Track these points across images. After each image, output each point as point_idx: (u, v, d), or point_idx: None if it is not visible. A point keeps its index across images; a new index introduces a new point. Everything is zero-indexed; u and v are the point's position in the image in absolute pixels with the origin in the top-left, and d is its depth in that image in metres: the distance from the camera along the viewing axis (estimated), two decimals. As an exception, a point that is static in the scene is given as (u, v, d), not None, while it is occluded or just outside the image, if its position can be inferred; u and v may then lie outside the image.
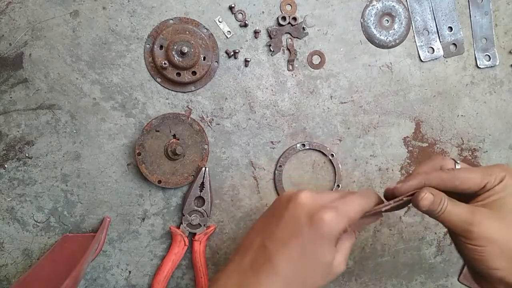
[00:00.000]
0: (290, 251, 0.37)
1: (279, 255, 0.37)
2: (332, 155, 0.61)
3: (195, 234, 0.58)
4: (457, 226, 0.37)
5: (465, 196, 0.39)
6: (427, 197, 0.38)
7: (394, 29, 0.61)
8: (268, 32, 0.58)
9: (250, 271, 0.38)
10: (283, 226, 0.38)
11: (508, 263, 0.36)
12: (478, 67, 0.62)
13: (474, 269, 0.39)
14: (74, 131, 0.57)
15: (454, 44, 0.62)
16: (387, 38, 0.60)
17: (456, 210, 0.37)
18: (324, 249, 0.37)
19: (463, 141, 0.64)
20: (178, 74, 0.56)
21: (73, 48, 0.56)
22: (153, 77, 0.57)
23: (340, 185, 0.61)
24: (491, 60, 0.62)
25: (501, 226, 0.36)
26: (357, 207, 0.39)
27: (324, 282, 0.38)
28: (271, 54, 0.59)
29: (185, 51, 0.54)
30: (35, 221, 0.57)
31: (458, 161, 0.41)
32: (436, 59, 0.62)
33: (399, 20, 0.61)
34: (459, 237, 0.38)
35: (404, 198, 0.39)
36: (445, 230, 0.64)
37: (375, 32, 0.60)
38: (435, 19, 0.61)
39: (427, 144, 0.63)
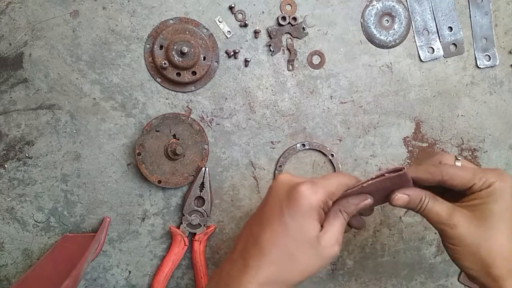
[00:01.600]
0: (273, 229, 0.37)
1: (264, 235, 0.37)
2: (332, 155, 0.61)
3: (195, 234, 0.58)
4: (435, 224, 0.39)
5: (459, 194, 0.40)
6: (399, 198, 0.39)
7: (394, 29, 0.61)
8: (268, 32, 0.58)
9: (239, 257, 0.38)
10: (267, 209, 0.39)
11: (478, 266, 0.38)
12: (478, 67, 0.62)
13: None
14: (74, 131, 0.57)
15: (454, 44, 0.62)
16: (387, 38, 0.60)
17: (436, 209, 0.39)
18: (304, 221, 0.37)
19: (463, 141, 0.64)
20: (178, 74, 0.56)
21: (73, 48, 0.56)
22: (153, 77, 0.57)
23: (340, 185, 0.61)
24: (491, 60, 0.62)
25: (476, 230, 0.37)
26: (335, 180, 0.39)
27: (315, 264, 0.37)
28: (271, 54, 0.59)
29: (185, 51, 0.54)
30: (35, 221, 0.57)
31: (460, 158, 0.42)
32: (436, 59, 0.62)
33: (399, 20, 0.61)
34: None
35: (386, 174, 0.38)
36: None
37: (375, 32, 0.60)
38: (435, 19, 0.61)
39: (427, 144, 0.63)
